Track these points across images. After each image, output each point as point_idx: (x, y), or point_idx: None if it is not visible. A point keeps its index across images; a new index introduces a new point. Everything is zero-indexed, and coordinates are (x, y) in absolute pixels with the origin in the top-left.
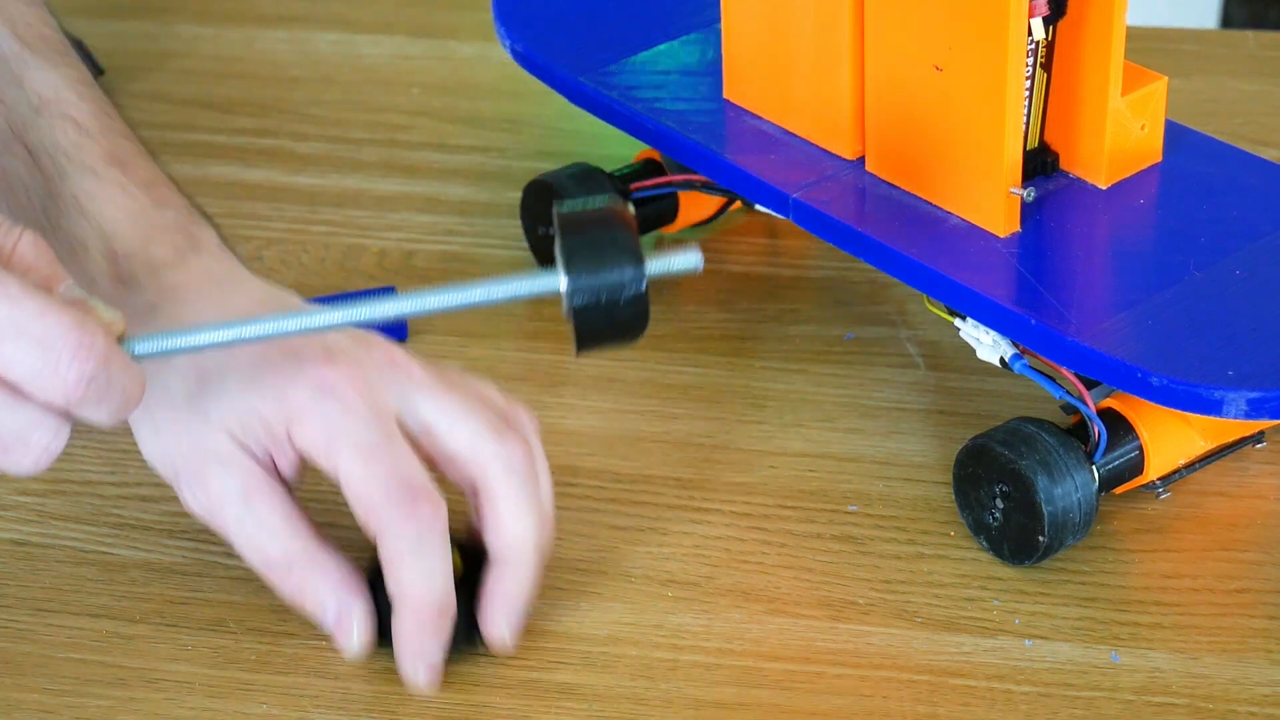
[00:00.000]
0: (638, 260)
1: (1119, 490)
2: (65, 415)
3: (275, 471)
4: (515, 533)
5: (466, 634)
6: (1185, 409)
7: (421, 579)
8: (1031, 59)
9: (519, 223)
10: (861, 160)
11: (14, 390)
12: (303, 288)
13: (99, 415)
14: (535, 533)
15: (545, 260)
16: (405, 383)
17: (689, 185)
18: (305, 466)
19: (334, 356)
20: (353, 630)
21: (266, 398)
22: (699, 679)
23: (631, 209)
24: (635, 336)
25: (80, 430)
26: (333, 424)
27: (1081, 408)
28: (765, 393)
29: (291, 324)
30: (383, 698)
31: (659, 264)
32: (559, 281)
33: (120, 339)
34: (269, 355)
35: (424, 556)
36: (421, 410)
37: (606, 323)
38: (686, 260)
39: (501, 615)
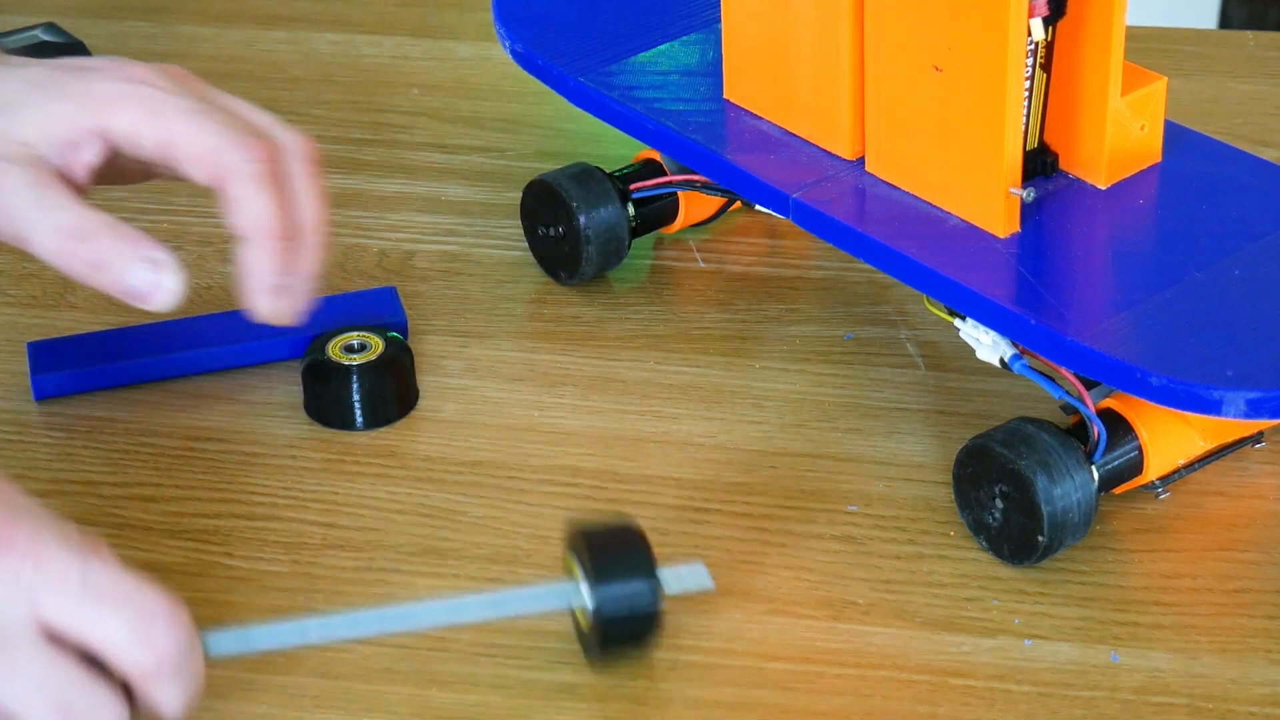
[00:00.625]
0: (655, 578)
1: (1119, 490)
2: (131, 693)
3: (67, 177)
4: (251, 212)
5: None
6: (1185, 409)
7: (273, 206)
8: (1031, 59)
9: (519, 223)
10: (861, 160)
11: (96, 672)
12: None
13: (171, 694)
14: (273, 213)
15: (544, 260)
16: (193, 81)
17: (689, 185)
18: (97, 174)
19: (126, 64)
20: (165, 279)
21: (70, 100)
22: (699, 679)
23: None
24: (650, 646)
25: (80, 429)
26: (153, 99)
27: (1081, 408)
28: (765, 393)
29: (353, 629)
30: (383, 697)
31: (673, 584)
32: (585, 594)
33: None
34: (55, 76)
35: (270, 186)
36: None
37: (629, 633)
38: (697, 580)
39: (259, 289)
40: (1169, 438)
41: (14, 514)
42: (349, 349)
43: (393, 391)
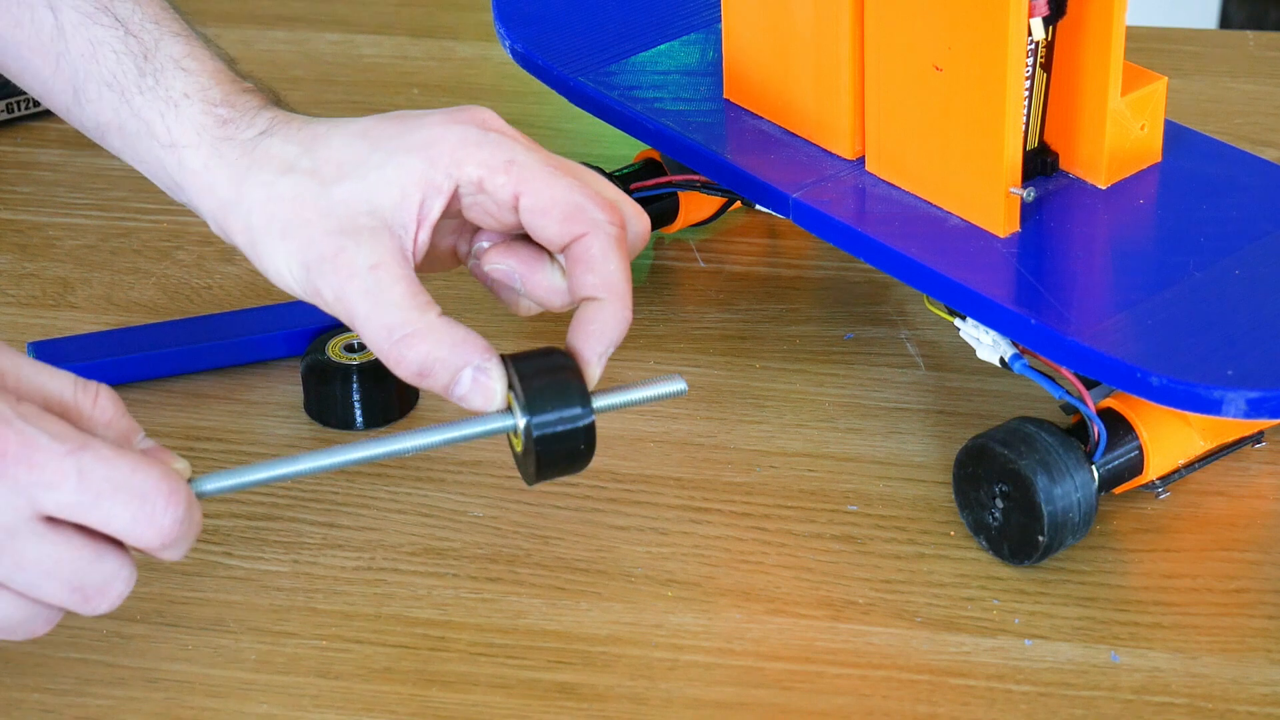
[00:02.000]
0: (586, 400)
1: (1119, 490)
2: (134, 558)
3: (407, 254)
4: (609, 271)
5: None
6: (1185, 409)
7: (627, 269)
8: (1031, 59)
9: None
10: (861, 160)
11: (101, 543)
12: None
13: (177, 554)
14: (628, 276)
15: None
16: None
17: (689, 185)
18: (441, 224)
19: (452, 112)
20: (493, 387)
21: (416, 153)
22: (699, 679)
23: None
24: (584, 465)
25: None
26: (505, 147)
27: (1081, 408)
28: (765, 393)
29: (334, 459)
30: (383, 697)
31: (650, 390)
32: (518, 420)
33: (189, 481)
34: (386, 131)
35: (624, 249)
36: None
37: (563, 453)
38: (672, 386)
39: (598, 353)
40: (1169, 438)
41: (3, 418)
42: (349, 349)
43: (393, 391)
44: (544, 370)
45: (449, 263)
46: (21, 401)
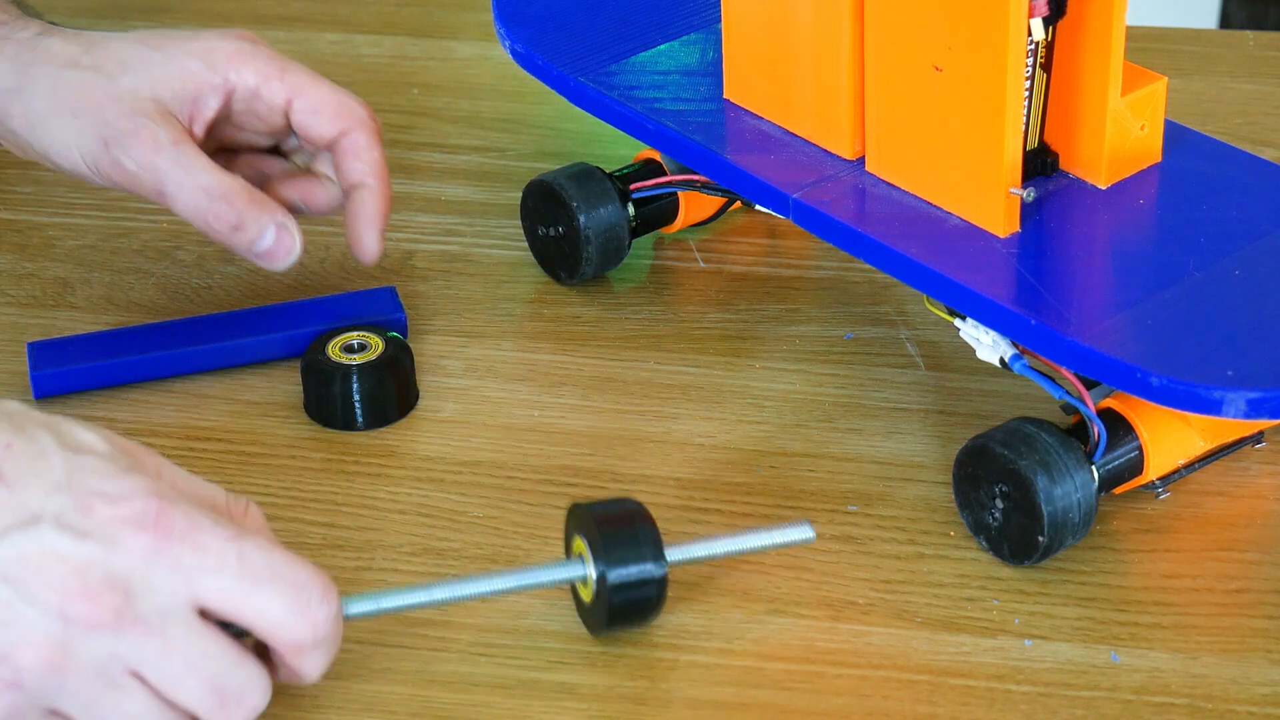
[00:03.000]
0: (660, 553)
1: (1119, 490)
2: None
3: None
4: (373, 158)
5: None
6: (1185, 409)
7: (384, 155)
8: (1031, 59)
9: (519, 223)
10: (861, 160)
11: (245, 649)
12: (303, 288)
13: (319, 663)
14: (385, 160)
15: (544, 260)
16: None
17: (689, 185)
18: (210, 128)
19: (222, 30)
20: (294, 242)
21: (195, 58)
22: (699, 679)
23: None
24: (654, 616)
25: None
26: (275, 57)
27: (1081, 408)
28: (765, 393)
29: (474, 589)
30: (383, 697)
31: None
32: (590, 569)
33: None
34: (164, 38)
35: (381, 139)
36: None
37: (635, 606)
38: (801, 534)
39: (374, 228)
40: (1169, 438)
41: (169, 500)
42: (349, 349)
43: (393, 391)
44: (620, 519)
45: None
46: (181, 494)
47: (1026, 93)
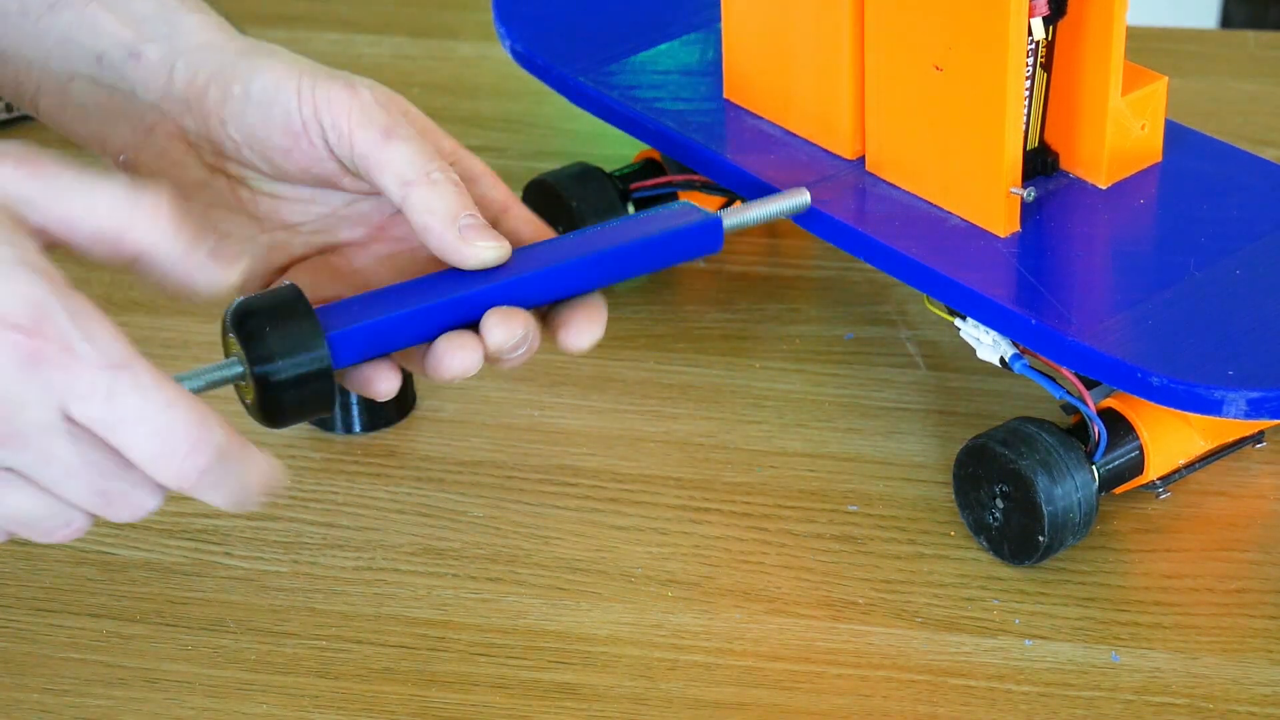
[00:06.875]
0: (318, 342)
1: (1119, 490)
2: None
3: None
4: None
5: None
6: (1185, 409)
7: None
8: (1031, 59)
9: None
10: (861, 160)
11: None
12: None
13: (214, 501)
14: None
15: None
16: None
17: (689, 185)
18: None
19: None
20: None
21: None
22: (699, 679)
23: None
24: (326, 410)
25: None
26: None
27: (1081, 408)
28: (765, 393)
29: None
30: (382, 697)
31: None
32: (241, 368)
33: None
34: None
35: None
36: None
37: (295, 399)
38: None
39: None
40: (1169, 438)
41: (50, 311)
42: None
43: None
44: (268, 309)
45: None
46: (74, 292)
47: (1027, 92)
